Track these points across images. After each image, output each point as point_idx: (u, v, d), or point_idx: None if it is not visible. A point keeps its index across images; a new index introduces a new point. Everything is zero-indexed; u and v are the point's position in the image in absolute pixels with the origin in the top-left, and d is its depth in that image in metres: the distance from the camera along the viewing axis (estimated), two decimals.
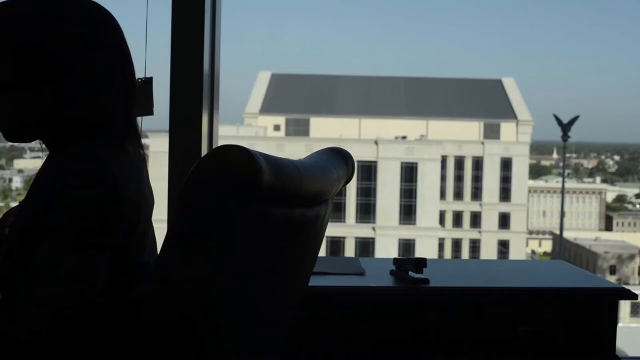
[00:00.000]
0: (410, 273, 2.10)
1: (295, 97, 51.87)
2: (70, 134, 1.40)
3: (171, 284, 1.24)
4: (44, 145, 1.47)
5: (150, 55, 2.42)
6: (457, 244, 46.97)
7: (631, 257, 50.37)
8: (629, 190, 65.10)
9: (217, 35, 2.67)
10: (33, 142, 1.46)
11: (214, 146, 2.61)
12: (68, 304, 1.26)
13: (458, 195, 47.31)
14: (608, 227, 59.79)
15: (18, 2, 1.39)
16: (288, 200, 1.37)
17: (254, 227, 1.30)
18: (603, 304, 2.07)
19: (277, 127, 50.27)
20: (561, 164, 68.16)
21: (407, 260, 2.11)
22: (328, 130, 47.86)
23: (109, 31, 1.43)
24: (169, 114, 2.47)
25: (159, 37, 2.69)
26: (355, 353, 2.06)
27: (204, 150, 2.52)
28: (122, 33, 1.46)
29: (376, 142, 42.96)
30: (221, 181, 1.21)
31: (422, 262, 2.06)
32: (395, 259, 2.18)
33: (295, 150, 40.36)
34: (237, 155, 1.21)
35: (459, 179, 47.20)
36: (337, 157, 1.60)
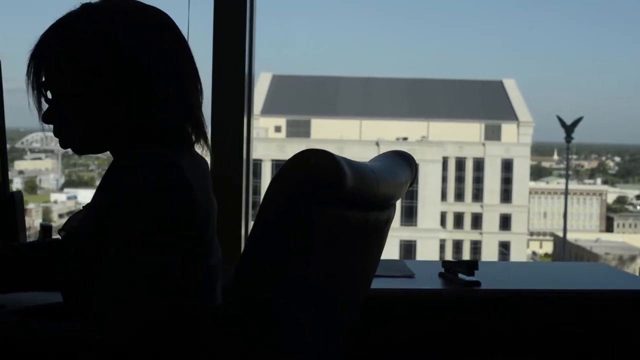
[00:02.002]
0: (460, 275, 2.09)
1: (296, 98, 51.87)
2: (142, 138, 1.39)
3: (252, 283, 1.24)
4: (46, 147, 1.46)
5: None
6: (458, 245, 46.98)
7: (632, 259, 50.38)
8: (630, 192, 65.15)
9: (253, 38, 2.66)
10: (33, 144, 1.46)
11: (252, 148, 2.61)
12: (142, 307, 1.25)
13: (459, 196, 47.34)
14: (609, 228, 59.83)
15: (90, 12, 1.38)
16: (365, 204, 1.38)
17: (334, 230, 1.30)
18: None
19: (278, 129, 50.29)
20: (561, 165, 68.23)
21: (458, 263, 2.11)
22: (329, 132, 47.89)
23: (176, 35, 1.43)
24: (210, 117, 2.47)
25: (199, 41, 2.68)
26: (406, 355, 2.05)
27: (245, 153, 2.52)
28: (184, 36, 1.46)
29: (377, 144, 42.99)
30: (305, 184, 1.21)
31: (473, 265, 2.05)
32: (444, 261, 2.18)
33: (296, 151, 40.31)
34: (322, 159, 1.21)
35: (460, 180, 47.23)
36: (402, 160, 1.60)
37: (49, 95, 1.40)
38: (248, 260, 1.25)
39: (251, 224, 2.61)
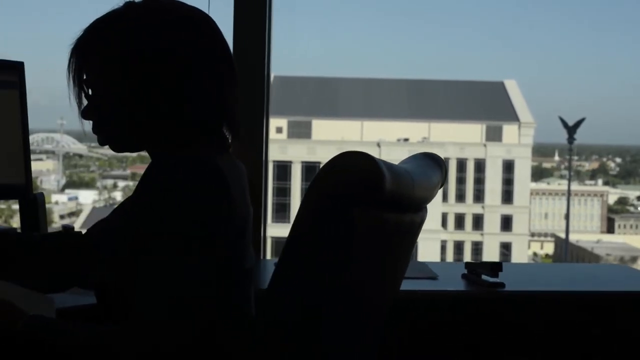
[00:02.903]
0: (484, 277, 2.09)
1: (297, 99, 51.85)
2: (180, 138, 1.39)
3: (292, 285, 1.24)
4: (47, 147, 1.47)
5: None
6: (459, 246, 46.94)
7: (633, 259, 50.35)
8: (631, 193, 65.12)
9: (271, 39, 2.67)
10: (34, 144, 1.46)
11: (269, 149, 2.61)
12: (183, 309, 1.25)
13: (460, 197, 47.30)
14: (610, 229, 59.77)
15: (133, 10, 1.38)
16: (402, 206, 1.38)
17: (372, 232, 1.30)
18: None
19: (279, 130, 50.25)
20: (562, 166, 68.23)
21: (481, 264, 2.11)
22: (330, 133, 47.84)
23: (217, 35, 1.43)
24: None
25: None
26: (430, 356, 2.05)
27: (264, 154, 2.52)
28: (223, 35, 1.47)
29: (379, 145, 42.97)
30: (345, 186, 1.21)
31: (497, 266, 2.05)
32: (467, 263, 2.18)
33: (298, 152, 40.36)
34: (362, 161, 1.22)
35: (460, 181, 47.19)
36: (433, 162, 1.61)
37: (89, 91, 1.40)
38: (288, 263, 1.25)
39: (268, 225, 2.61)
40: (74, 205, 49.11)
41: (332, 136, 46.81)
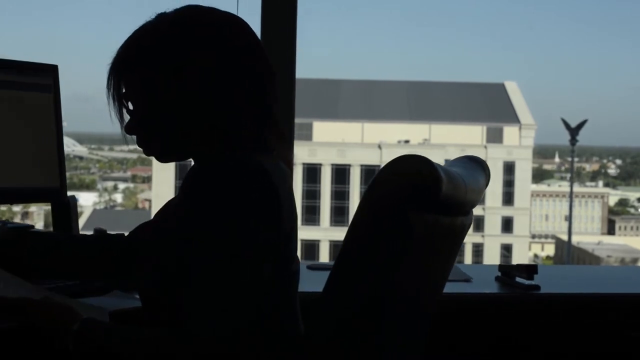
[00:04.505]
0: (518, 279, 2.09)
1: (298, 101, 51.78)
2: (223, 143, 1.38)
3: (349, 287, 1.25)
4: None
5: None
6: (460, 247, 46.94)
7: (634, 261, 50.36)
8: (632, 194, 65.18)
9: (296, 42, 2.67)
10: None
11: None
12: (239, 313, 1.25)
13: None
14: (610, 230, 59.79)
15: (166, 21, 1.38)
16: (455, 209, 1.38)
17: (428, 235, 1.30)
18: None
19: None
20: (563, 168, 68.25)
21: (516, 267, 2.10)
22: (331, 135, 47.85)
23: (252, 37, 1.43)
24: None
25: None
26: (464, 359, 2.05)
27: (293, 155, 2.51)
28: (259, 39, 1.46)
29: (379, 147, 42.98)
30: (403, 189, 1.21)
31: (533, 269, 2.05)
32: (500, 266, 2.18)
33: (299, 154, 40.36)
34: (420, 164, 1.22)
35: None
36: (477, 166, 1.61)
37: (130, 106, 1.40)
38: (345, 265, 1.25)
39: None
40: None
41: (333, 138, 46.82)
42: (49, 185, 2.00)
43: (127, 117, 1.42)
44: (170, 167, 37.58)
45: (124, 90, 1.39)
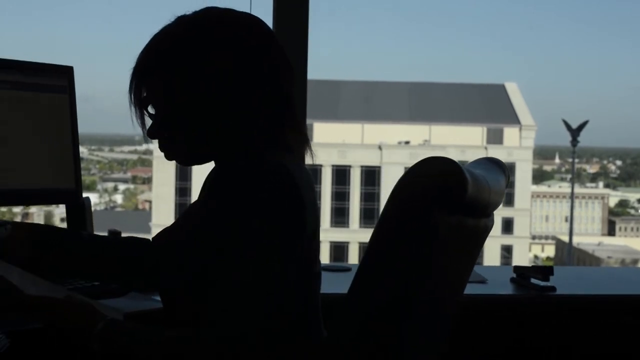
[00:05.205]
0: (533, 280, 2.09)
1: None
2: (245, 145, 1.38)
3: (373, 288, 1.25)
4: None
5: None
6: None
7: (634, 262, 50.37)
8: (632, 195, 65.22)
9: (307, 43, 2.66)
10: None
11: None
12: (264, 315, 1.25)
13: None
14: (611, 231, 59.82)
15: (185, 24, 1.38)
16: (478, 211, 1.38)
17: (452, 236, 1.30)
18: None
19: None
20: (563, 169, 68.25)
21: (531, 268, 2.10)
22: (331, 136, 47.85)
23: (271, 36, 1.43)
24: None
25: None
26: None
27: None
28: (279, 41, 1.46)
29: (380, 147, 42.99)
30: (429, 191, 1.21)
31: (549, 270, 2.05)
32: (515, 267, 2.18)
33: None
34: (445, 166, 1.22)
35: None
36: (498, 168, 1.61)
37: (152, 110, 1.40)
38: (371, 265, 1.25)
39: None
40: None
41: (334, 139, 46.82)
42: (65, 187, 1.99)
43: (148, 122, 1.41)
44: (171, 168, 37.48)
45: (144, 95, 1.39)
